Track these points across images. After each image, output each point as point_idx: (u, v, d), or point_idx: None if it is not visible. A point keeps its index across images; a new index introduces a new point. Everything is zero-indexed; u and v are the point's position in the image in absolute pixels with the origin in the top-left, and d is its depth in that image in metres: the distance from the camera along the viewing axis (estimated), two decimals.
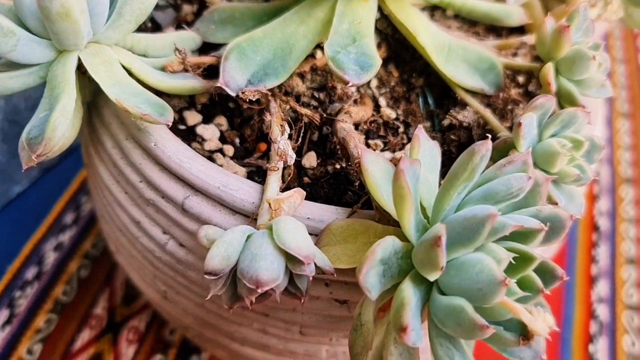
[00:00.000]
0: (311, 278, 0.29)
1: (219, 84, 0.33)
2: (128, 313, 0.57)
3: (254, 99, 0.34)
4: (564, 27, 0.34)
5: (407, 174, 0.27)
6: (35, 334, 0.55)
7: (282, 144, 0.32)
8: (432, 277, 0.27)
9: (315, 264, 0.29)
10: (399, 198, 0.27)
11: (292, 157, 0.32)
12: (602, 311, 0.62)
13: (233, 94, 0.34)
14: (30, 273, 0.58)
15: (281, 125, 0.33)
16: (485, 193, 0.28)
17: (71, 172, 0.65)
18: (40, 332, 0.55)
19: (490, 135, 0.27)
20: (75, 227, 0.62)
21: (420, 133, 0.32)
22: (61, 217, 0.62)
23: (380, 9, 0.39)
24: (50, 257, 0.59)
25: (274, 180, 0.32)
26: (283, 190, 0.33)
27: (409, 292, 0.26)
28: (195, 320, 0.41)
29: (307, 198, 0.34)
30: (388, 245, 0.27)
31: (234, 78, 0.34)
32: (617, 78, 0.87)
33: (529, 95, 0.41)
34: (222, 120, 0.38)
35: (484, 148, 0.27)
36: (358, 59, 0.34)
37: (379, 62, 0.34)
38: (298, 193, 0.31)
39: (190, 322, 0.42)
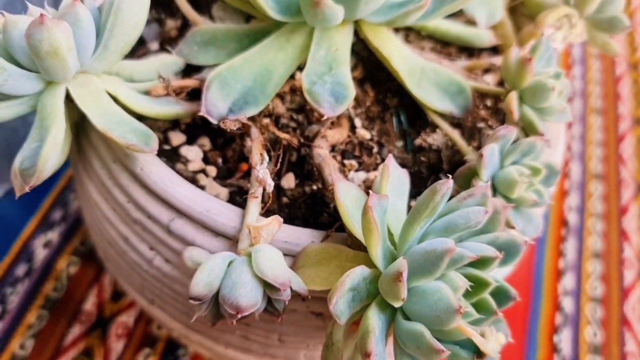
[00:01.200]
0: (287, 302, 0.32)
1: (201, 113, 0.35)
2: (117, 309, 0.60)
3: (234, 129, 0.36)
4: (526, 59, 0.36)
5: (375, 210, 0.29)
6: (27, 330, 0.57)
7: (262, 172, 0.34)
8: (395, 304, 0.29)
9: (291, 287, 0.31)
10: (367, 231, 0.30)
11: (270, 185, 0.35)
12: (567, 303, 0.66)
13: (215, 122, 0.36)
14: (21, 270, 0.60)
15: (261, 154, 0.35)
16: (447, 225, 0.31)
17: (58, 170, 0.67)
18: (32, 327, 0.57)
19: (450, 176, 0.30)
20: (64, 224, 0.64)
21: (390, 163, 0.35)
22: (49, 215, 0.64)
23: (356, 33, 0.41)
24: (40, 254, 0.62)
25: (254, 206, 0.34)
26: (263, 212, 0.35)
27: (374, 320, 0.29)
28: (182, 325, 0.43)
29: (286, 217, 0.36)
30: (357, 275, 0.30)
31: (216, 107, 0.36)
32: (593, 74, 0.89)
33: (497, 114, 0.43)
34: (205, 140, 0.40)
35: (445, 187, 0.29)
36: (333, 89, 0.36)
37: (353, 93, 0.36)
38: (276, 221, 0.33)
39: (176, 327, 0.44)
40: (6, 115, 0.34)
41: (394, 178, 0.34)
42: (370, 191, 0.30)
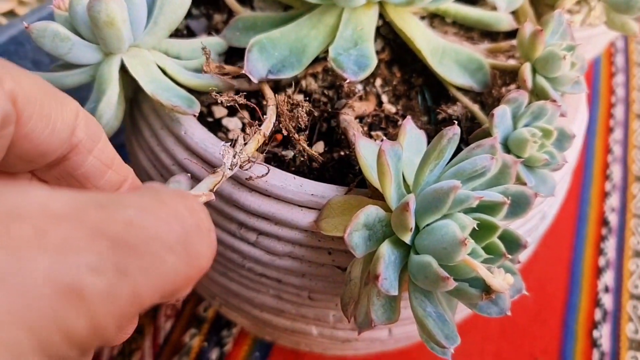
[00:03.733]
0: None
1: (243, 71, 0.39)
2: None
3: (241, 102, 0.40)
4: (538, 31, 0.39)
5: (388, 153, 0.32)
6: None
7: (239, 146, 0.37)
8: (406, 239, 0.32)
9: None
10: (381, 174, 0.33)
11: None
12: (607, 300, 0.66)
13: (256, 81, 0.40)
14: None
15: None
16: (456, 171, 0.33)
17: None
18: None
19: (457, 121, 0.32)
20: None
21: (408, 123, 0.38)
22: None
23: (382, 17, 0.44)
24: None
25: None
26: (295, 170, 0.39)
27: (384, 249, 0.31)
28: (221, 289, 0.47)
29: (315, 179, 0.39)
30: (371, 212, 0.33)
31: (256, 67, 0.40)
32: (636, 81, 0.90)
33: None
34: (245, 114, 0.44)
35: (451, 132, 0.32)
36: (357, 60, 0.40)
37: (375, 62, 0.40)
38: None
39: (217, 291, 0.48)
40: (70, 83, 0.39)
41: (411, 137, 0.37)
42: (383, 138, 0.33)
